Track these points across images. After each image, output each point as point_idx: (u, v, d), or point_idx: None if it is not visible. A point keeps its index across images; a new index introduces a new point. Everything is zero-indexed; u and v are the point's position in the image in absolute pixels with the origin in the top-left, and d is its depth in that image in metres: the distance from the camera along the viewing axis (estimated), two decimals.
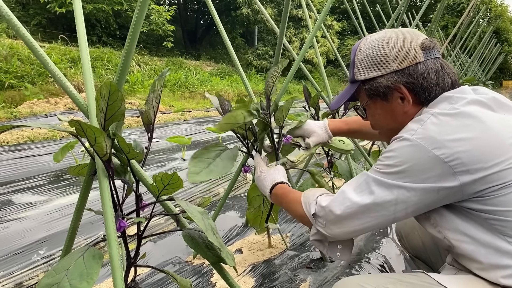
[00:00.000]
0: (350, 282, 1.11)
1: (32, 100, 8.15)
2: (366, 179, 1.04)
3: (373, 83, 1.13)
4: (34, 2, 13.71)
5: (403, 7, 3.06)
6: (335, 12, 26.24)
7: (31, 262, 2.05)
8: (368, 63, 1.13)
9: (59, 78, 1.08)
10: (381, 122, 1.22)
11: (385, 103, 1.15)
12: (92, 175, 1.12)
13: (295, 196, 1.25)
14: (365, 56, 1.14)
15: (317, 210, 1.12)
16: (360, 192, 1.03)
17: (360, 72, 1.16)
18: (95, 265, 0.95)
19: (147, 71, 13.63)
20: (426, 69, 1.07)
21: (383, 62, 1.10)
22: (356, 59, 1.17)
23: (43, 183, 3.49)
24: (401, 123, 1.11)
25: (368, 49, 1.14)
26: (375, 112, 1.20)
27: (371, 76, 1.13)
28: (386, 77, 1.10)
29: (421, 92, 1.08)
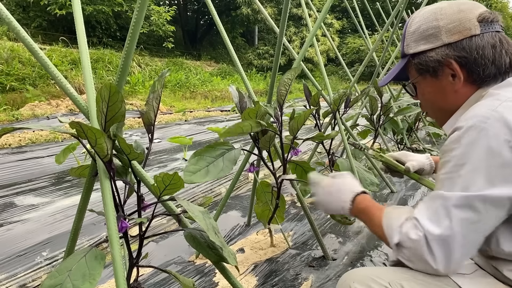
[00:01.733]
0: (362, 275, 1.06)
1: (34, 102, 8.18)
2: (443, 203, 0.89)
3: (422, 57, 1.05)
4: (34, 5, 13.73)
5: (402, 4, 3.05)
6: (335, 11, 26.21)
7: (34, 263, 2.05)
8: (419, 35, 1.05)
9: (60, 80, 1.09)
10: (430, 102, 1.12)
11: (435, 80, 1.06)
12: (94, 176, 1.13)
13: (378, 214, 1.08)
14: (417, 28, 1.05)
15: (401, 240, 0.95)
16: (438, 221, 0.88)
17: (410, 45, 1.08)
18: (98, 266, 0.95)
19: (148, 72, 13.65)
20: (482, 43, 0.97)
21: (434, 34, 1.02)
22: (407, 32, 1.08)
23: (45, 185, 3.50)
24: (452, 103, 1.04)
25: (420, 20, 1.05)
26: (424, 90, 1.11)
27: (421, 49, 1.04)
28: (436, 51, 1.02)
29: (474, 68, 0.98)
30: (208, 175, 1.34)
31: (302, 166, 1.97)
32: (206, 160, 1.39)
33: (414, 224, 0.92)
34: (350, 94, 2.71)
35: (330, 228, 2.40)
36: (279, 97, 1.69)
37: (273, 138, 1.70)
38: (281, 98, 1.69)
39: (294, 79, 1.71)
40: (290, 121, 1.75)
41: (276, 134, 1.69)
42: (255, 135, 1.72)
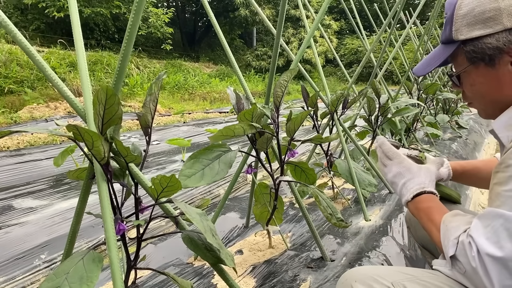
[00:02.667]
0: (364, 274, 1.03)
1: (32, 105, 8.18)
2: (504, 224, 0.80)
3: (478, 44, 0.93)
4: (32, 7, 13.75)
5: (400, 4, 3.06)
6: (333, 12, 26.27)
7: (32, 266, 2.05)
8: (474, 18, 0.92)
9: (56, 83, 1.09)
10: (481, 93, 1.00)
11: (490, 69, 0.94)
12: (91, 179, 1.13)
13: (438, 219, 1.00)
14: (470, 10, 0.93)
15: (457, 254, 0.88)
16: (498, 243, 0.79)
17: (461, 30, 0.95)
18: (95, 268, 0.95)
19: (147, 74, 13.66)
20: None
21: (493, 17, 0.90)
22: (456, 14, 0.96)
23: (43, 188, 3.50)
24: (507, 95, 0.94)
25: (473, 1, 0.93)
26: (476, 80, 0.99)
27: (476, 34, 0.92)
28: (496, 37, 0.90)
29: None
30: (203, 179, 1.32)
31: (301, 167, 1.98)
32: (202, 163, 1.38)
33: (469, 242, 0.84)
34: (348, 95, 2.72)
35: (329, 229, 2.40)
36: (275, 99, 1.69)
37: (270, 140, 1.70)
38: (278, 99, 1.69)
39: (292, 80, 1.72)
40: (287, 122, 1.75)
41: (273, 136, 1.69)
42: (253, 137, 1.73)
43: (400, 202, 2.83)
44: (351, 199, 2.98)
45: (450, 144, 5.01)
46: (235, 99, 1.72)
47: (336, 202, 2.94)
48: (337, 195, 3.02)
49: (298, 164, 1.97)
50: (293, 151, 1.83)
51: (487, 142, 6.37)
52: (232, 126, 1.43)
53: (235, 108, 1.73)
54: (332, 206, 1.81)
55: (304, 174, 1.98)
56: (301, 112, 1.66)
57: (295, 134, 1.78)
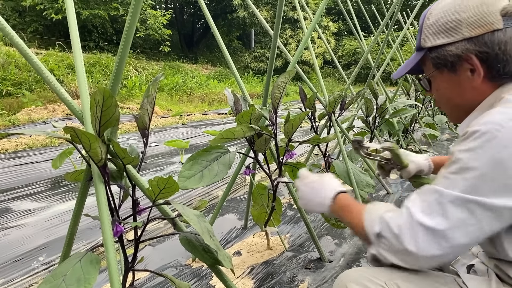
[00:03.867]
0: (358, 275, 1.05)
1: (30, 107, 8.17)
2: (438, 199, 0.87)
3: (441, 51, 1.01)
4: (30, 10, 13.73)
5: (397, 5, 3.07)
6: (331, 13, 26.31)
7: (31, 269, 2.05)
8: (438, 28, 1.01)
9: (54, 85, 1.09)
10: (446, 97, 1.09)
11: (452, 75, 1.02)
12: (89, 181, 1.13)
13: (359, 209, 1.07)
14: (436, 21, 1.02)
15: (382, 228, 0.94)
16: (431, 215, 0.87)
17: (427, 38, 1.04)
18: (93, 270, 0.95)
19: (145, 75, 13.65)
20: (504, 38, 0.94)
21: (455, 27, 0.98)
22: (425, 24, 1.05)
23: (42, 190, 3.50)
24: (468, 100, 1.01)
25: (439, 12, 1.01)
26: (440, 85, 1.08)
27: (439, 43, 1.01)
28: (456, 45, 0.98)
29: (494, 64, 0.95)
30: (202, 180, 1.33)
31: (298, 168, 1.98)
32: (201, 165, 1.39)
33: (402, 212, 0.92)
34: (345, 96, 2.72)
35: (327, 230, 2.40)
36: (273, 100, 1.70)
37: (268, 141, 1.70)
38: (276, 101, 1.70)
39: (290, 81, 1.72)
40: (285, 124, 1.76)
41: (271, 137, 1.70)
42: (251, 138, 1.73)
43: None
44: None
45: (448, 144, 5.02)
46: (233, 100, 1.73)
47: None
48: None
49: (296, 165, 1.97)
50: (291, 152, 1.83)
51: None
52: (232, 128, 1.43)
53: (233, 110, 1.74)
54: None
55: None
56: (299, 113, 1.66)
57: (293, 135, 1.78)
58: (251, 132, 1.53)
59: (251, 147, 1.77)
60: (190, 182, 1.32)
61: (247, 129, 1.50)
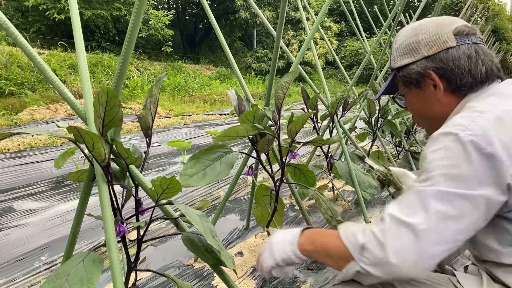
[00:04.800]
0: None
1: (33, 107, 8.18)
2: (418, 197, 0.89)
3: (406, 70, 1.11)
4: (33, 9, 13.75)
5: (400, 6, 3.06)
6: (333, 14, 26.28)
7: (33, 268, 2.05)
8: (402, 50, 1.12)
9: (57, 85, 1.09)
10: (417, 112, 1.18)
11: (419, 90, 1.12)
12: (91, 181, 1.13)
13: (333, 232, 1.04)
14: (400, 44, 1.13)
15: (365, 240, 0.91)
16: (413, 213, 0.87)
17: (395, 59, 1.15)
18: (95, 270, 0.95)
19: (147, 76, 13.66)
20: (457, 54, 1.03)
21: (415, 48, 1.09)
22: (393, 48, 1.16)
23: (44, 190, 3.50)
24: (437, 112, 1.10)
25: (403, 36, 1.13)
26: (411, 101, 1.18)
27: (404, 63, 1.12)
28: (417, 64, 1.08)
29: (452, 78, 1.04)
30: (205, 179, 1.34)
31: (300, 169, 1.98)
32: (203, 163, 1.39)
33: (383, 218, 0.91)
34: (347, 97, 2.72)
35: None
36: (277, 101, 1.70)
37: (271, 141, 1.70)
38: (279, 101, 1.69)
39: (293, 82, 1.72)
40: (288, 124, 1.75)
41: (274, 137, 1.69)
42: (254, 138, 1.73)
43: None
44: (351, 201, 2.99)
45: None
46: (237, 100, 1.73)
47: (336, 204, 2.94)
48: (337, 197, 3.02)
49: (298, 166, 1.97)
50: (294, 153, 1.83)
51: None
52: (236, 127, 1.43)
53: (236, 110, 1.73)
54: (332, 209, 1.81)
55: (304, 176, 1.98)
56: (302, 114, 1.66)
57: (296, 135, 1.78)
58: (254, 131, 1.53)
59: (254, 147, 1.77)
60: (193, 180, 1.33)
61: (250, 128, 1.51)
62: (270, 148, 1.75)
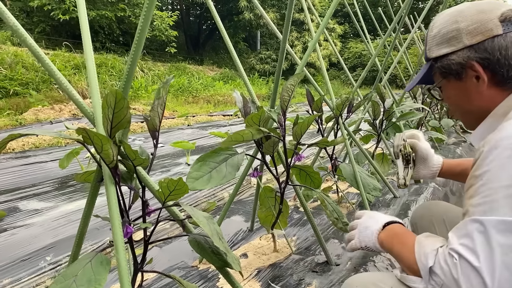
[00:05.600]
0: (365, 280, 1.07)
1: (37, 107, 8.22)
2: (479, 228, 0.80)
3: (445, 61, 1.04)
4: (38, 10, 13.83)
5: (405, 9, 3.06)
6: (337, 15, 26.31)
7: (38, 268, 2.06)
8: (440, 39, 1.05)
9: (66, 86, 1.10)
10: (456, 105, 1.11)
11: (459, 82, 1.05)
12: (99, 182, 1.13)
13: (412, 240, 1.00)
14: (437, 32, 1.05)
15: (435, 265, 0.87)
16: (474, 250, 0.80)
17: (432, 49, 1.08)
18: (103, 271, 0.96)
19: (151, 76, 13.71)
20: (505, 43, 0.95)
21: (455, 37, 1.01)
22: (429, 36, 1.09)
23: (49, 190, 3.51)
24: (477, 106, 1.03)
25: (440, 24, 1.05)
26: (449, 93, 1.10)
27: (442, 52, 1.04)
28: (458, 54, 1.01)
29: (497, 69, 0.97)
30: (210, 182, 1.33)
31: (306, 171, 1.98)
32: (209, 166, 1.39)
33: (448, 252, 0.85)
34: (352, 99, 2.72)
35: (333, 233, 2.40)
36: (282, 103, 1.70)
37: (276, 144, 1.70)
38: (284, 104, 1.70)
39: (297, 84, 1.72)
40: (293, 126, 1.76)
41: (280, 140, 1.70)
42: (259, 140, 1.73)
43: (406, 207, 2.83)
44: (356, 203, 2.98)
45: (454, 148, 4.99)
46: (242, 102, 1.73)
47: (341, 206, 2.93)
48: (341, 199, 3.02)
49: (303, 168, 1.97)
50: (299, 155, 1.83)
51: None
52: (241, 131, 1.43)
53: (241, 112, 1.74)
54: (338, 211, 1.81)
55: (309, 178, 1.98)
56: (308, 116, 1.66)
57: (301, 138, 1.78)
58: (259, 135, 1.53)
59: (259, 149, 1.77)
60: (199, 183, 1.32)
61: (255, 132, 1.51)
62: (275, 150, 1.75)
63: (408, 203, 2.93)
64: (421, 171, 1.48)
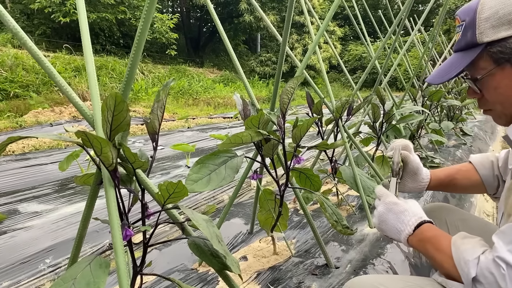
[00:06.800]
0: (366, 283, 1.06)
1: (37, 109, 8.23)
2: None
3: (506, 44, 0.92)
4: (38, 12, 13.86)
5: (405, 12, 3.07)
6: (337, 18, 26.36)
7: (37, 271, 2.06)
8: (498, 20, 0.93)
9: (65, 89, 1.10)
10: (505, 96, 0.98)
11: None
12: (98, 185, 1.13)
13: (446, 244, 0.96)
14: (494, 13, 0.93)
15: (479, 274, 0.83)
16: None
17: (485, 32, 0.95)
18: (102, 274, 0.95)
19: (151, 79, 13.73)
20: None
21: None
22: (479, 19, 0.96)
23: (49, 192, 3.51)
24: None
25: (496, 5, 0.94)
26: (501, 82, 0.96)
27: (502, 35, 0.92)
28: None
29: None
30: (210, 184, 1.33)
31: (306, 174, 1.98)
32: (208, 168, 1.39)
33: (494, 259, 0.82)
34: (352, 102, 2.72)
35: (333, 236, 2.40)
36: (282, 106, 1.70)
37: (276, 146, 1.70)
38: (284, 106, 1.70)
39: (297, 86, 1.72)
40: (293, 129, 1.76)
41: (279, 142, 1.70)
42: (259, 143, 1.73)
43: None
44: (356, 206, 2.98)
45: (454, 151, 4.99)
46: (242, 105, 1.73)
47: (341, 209, 2.93)
48: (341, 202, 3.02)
49: (303, 171, 1.97)
50: (299, 158, 1.83)
51: (492, 149, 6.35)
52: (240, 133, 1.43)
53: (241, 114, 1.74)
54: (338, 213, 1.81)
55: (309, 181, 1.98)
56: (307, 119, 1.66)
57: (301, 140, 1.78)
58: (258, 137, 1.53)
59: (259, 152, 1.77)
60: (198, 185, 1.32)
61: (254, 134, 1.51)
62: (275, 152, 1.75)
63: None
64: (408, 184, 1.41)
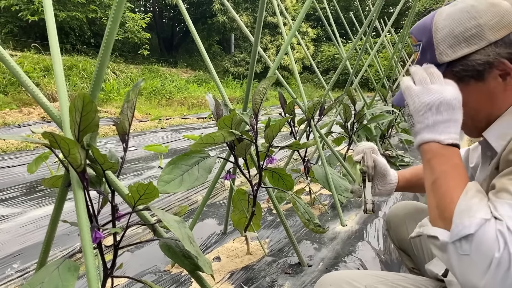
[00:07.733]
0: (338, 278, 1.06)
1: (4, 110, 7.99)
2: None
3: (467, 62, 0.92)
4: (5, 10, 13.43)
5: (375, 13, 3.13)
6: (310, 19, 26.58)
7: (5, 276, 2.00)
8: (455, 39, 0.92)
9: (32, 89, 1.08)
10: (474, 110, 0.96)
11: (481, 84, 0.93)
12: (67, 187, 1.11)
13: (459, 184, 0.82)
14: (450, 32, 0.93)
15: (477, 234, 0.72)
16: None
17: (444, 52, 0.94)
18: (71, 278, 0.94)
19: (123, 79, 13.51)
20: None
21: (476, 34, 0.90)
22: (436, 38, 0.95)
23: (16, 195, 3.42)
24: (500, 107, 0.94)
25: (450, 23, 0.93)
26: (468, 98, 0.92)
27: (462, 54, 0.92)
28: (484, 52, 0.90)
29: None
30: (182, 185, 1.33)
31: (278, 173, 1.99)
32: (181, 169, 1.38)
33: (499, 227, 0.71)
34: (324, 102, 2.76)
35: (306, 235, 2.42)
36: (254, 106, 1.71)
37: (249, 146, 1.71)
38: (256, 106, 1.71)
39: (270, 86, 1.73)
40: (265, 129, 1.77)
41: (252, 142, 1.70)
42: (231, 143, 1.73)
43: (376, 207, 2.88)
44: (328, 205, 3.02)
45: None
46: (214, 105, 1.73)
47: (313, 208, 2.96)
48: (314, 201, 3.05)
49: (276, 170, 1.98)
50: (272, 158, 1.84)
51: None
52: (213, 133, 1.43)
53: (214, 115, 1.74)
54: (309, 212, 1.83)
55: (282, 180, 2.00)
56: (280, 119, 1.68)
57: (273, 140, 1.79)
58: (231, 137, 1.54)
59: (232, 152, 1.78)
60: (170, 187, 1.32)
61: (227, 134, 1.51)
62: (248, 152, 1.76)
63: (379, 203, 2.98)
64: (378, 187, 1.34)
